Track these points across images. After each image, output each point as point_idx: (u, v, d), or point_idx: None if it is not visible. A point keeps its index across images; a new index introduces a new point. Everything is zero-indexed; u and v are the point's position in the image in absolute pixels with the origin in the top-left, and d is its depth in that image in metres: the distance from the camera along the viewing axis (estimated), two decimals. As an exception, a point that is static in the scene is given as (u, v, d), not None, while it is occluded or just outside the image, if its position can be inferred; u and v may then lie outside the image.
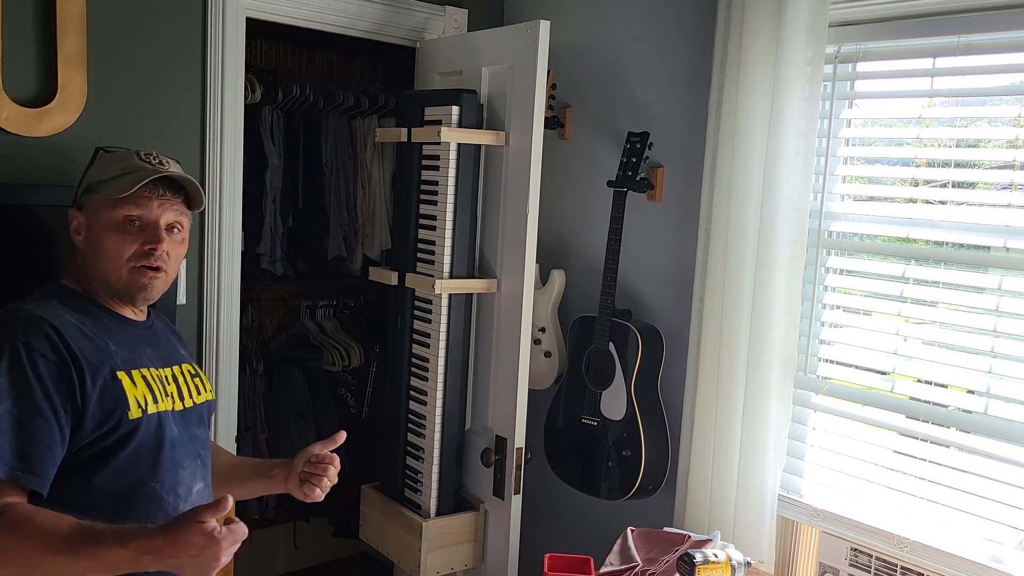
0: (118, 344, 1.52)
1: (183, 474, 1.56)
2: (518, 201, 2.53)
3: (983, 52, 2.02)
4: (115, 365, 1.48)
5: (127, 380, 1.49)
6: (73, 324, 1.47)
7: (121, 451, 1.46)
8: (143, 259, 1.53)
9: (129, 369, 1.51)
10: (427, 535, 2.58)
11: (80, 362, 1.43)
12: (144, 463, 1.49)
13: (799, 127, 2.17)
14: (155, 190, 1.54)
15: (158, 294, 1.58)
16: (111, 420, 1.45)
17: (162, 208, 1.54)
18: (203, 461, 1.65)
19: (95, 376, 1.44)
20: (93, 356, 1.45)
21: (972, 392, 2.07)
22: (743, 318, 2.28)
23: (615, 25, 2.80)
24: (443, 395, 2.62)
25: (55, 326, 1.43)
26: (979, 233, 2.04)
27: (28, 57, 2.22)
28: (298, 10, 2.71)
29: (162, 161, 1.58)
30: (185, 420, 1.61)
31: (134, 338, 1.58)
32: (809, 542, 2.33)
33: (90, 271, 1.55)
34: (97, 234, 1.52)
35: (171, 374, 1.62)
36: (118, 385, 1.47)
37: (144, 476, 1.49)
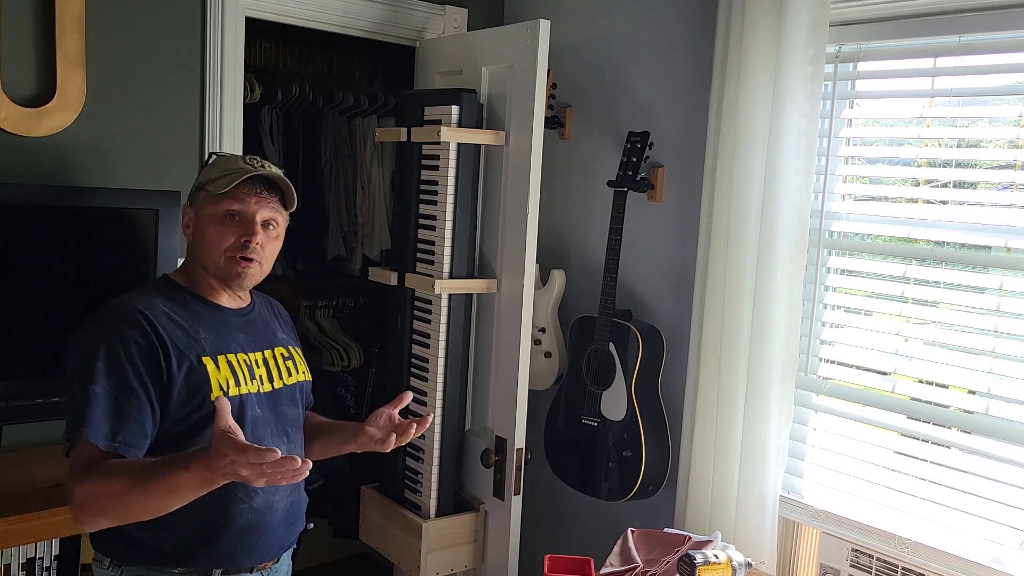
0: (208, 331, 1.68)
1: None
2: (518, 201, 2.53)
3: (983, 52, 2.02)
4: (202, 351, 1.64)
5: (212, 365, 1.64)
6: (165, 313, 1.63)
7: (205, 429, 1.58)
8: (240, 250, 1.68)
9: (215, 355, 1.66)
10: (427, 536, 2.58)
11: (168, 346, 1.59)
12: None
13: (800, 127, 2.17)
14: (253, 188, 1.69)
15: (252, 283, 1.75)
16: (194, 400, 1.61)
17: (259, 205, 1.69)
18: (291, 438, 1.78)
19: (181, 360, 1.60)
20: (181, 342, 1.61)
21: (973, 392, 2.06)
22: (744, 318, 2.27)
23: (615, 25, 2.80)
24: (443, 395, 2.62)
25: (146, 314, 1.60)
26: (980, 233, 2.03)
27: (27, 57, 2.22)
28: (298, 10, 2.70)
29: (263, 164, 1.73)
30: (273, 400, 1.75)
31: (226, 325, 1.73)
32: (810, 543, 2.33)
33: (194, 260, 1.73)
34: (202, 226, 1.70)
35: (262, 358, 1.76)
36: (203, 369, 1.62)
37: None
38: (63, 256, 2.18)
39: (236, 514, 1.66)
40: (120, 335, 1.56)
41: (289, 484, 1.68)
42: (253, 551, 1.70)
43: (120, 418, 1.52)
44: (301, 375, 1.86)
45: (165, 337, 1.60)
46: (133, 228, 2.25)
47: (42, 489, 2.04)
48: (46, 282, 2.16)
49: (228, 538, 1.65)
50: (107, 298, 1.71)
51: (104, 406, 1.52)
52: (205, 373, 1.63)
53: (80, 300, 2.20)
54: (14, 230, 2.10)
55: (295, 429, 1.81)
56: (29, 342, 2.16)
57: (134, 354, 1.56)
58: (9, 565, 2.08)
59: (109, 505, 1.48)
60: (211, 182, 1.69)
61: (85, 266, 2.22)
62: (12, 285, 2.11)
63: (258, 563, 1.73)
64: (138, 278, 2.26)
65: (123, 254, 2.27)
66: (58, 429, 2.32)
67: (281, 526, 1.75)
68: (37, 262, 2.14)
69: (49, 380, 2.16)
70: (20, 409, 2.13)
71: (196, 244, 1.72)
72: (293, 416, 1.81)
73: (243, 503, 1.66)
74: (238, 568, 1.69)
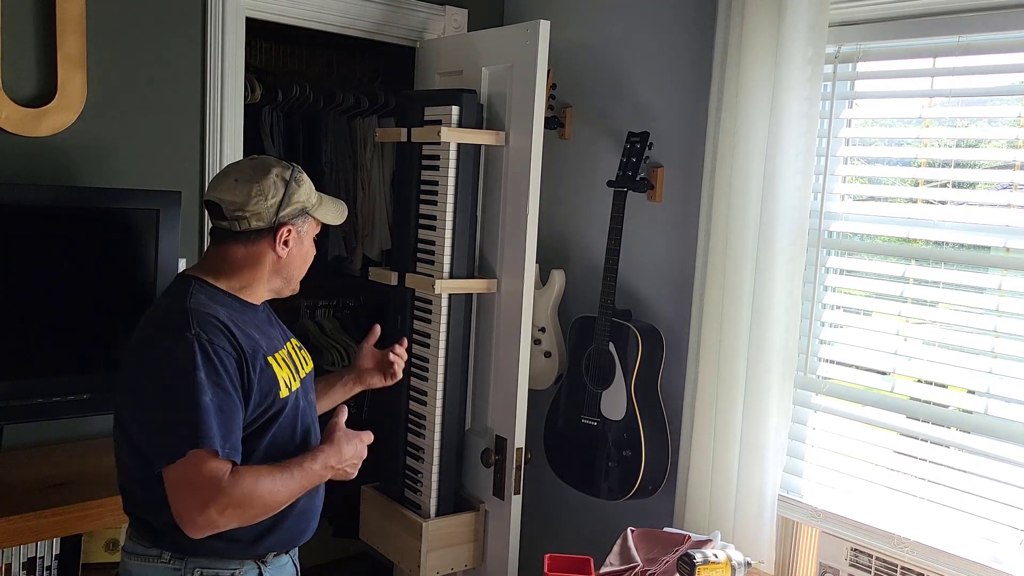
0: (259, 333, 1.72)
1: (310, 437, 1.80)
2: (518, 201, 2.53)
3: (983, 52, 2.02)
4: (264, 351, 1.69)
5: (275, 364, 1.71)
6: (229, 317, 1.66)
7: (272, 426, 1.68)
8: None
9: (273, 354, 1.72)
10: (427, 535, 2.58)
11: (245, 352, 1.64)
12: (287, 432, 1.72)
13: (799, 127, 2.17)
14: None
15: None
16: (267, 400, 1.67)
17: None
18: (318, 423, 1.86)
19: (254, 363, 1.65)
20: (248, 346, 1.65)
21: (972, 392, 2.06)
22: (743, 318, 2.27)
23: (615, 25, 2.80)
24: (443, 395, 2.62)
25: (223, 321, 1.63)
26: (979, 233, 2.04)
27: (28, 57, 2.22)
28: (298, 10, 2.71)
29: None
30: (305, 390, 1.83)
31: (262, 323, 1.77)
32: (809, 542, 2.33)
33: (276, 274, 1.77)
34: (306, 248, 1.80)
35: (289, 350, 1.82)
36: (270, 369, 1.69)
37: (287, 443, 1.72)
38: (64, 256, 2.18)
39: (300, 499, 1.72)
40: (209, 343, 1.58)
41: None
42: (306, 531, 1.79)
43: (227, 425, 1.57)
44: (311, 364, 1.92)
45: (240, 342, 1.63)
46: (134, 228, 2.25)
47: (42, 489, 2.04)
48: (46, 282, 2.16)
49: (289, 522, 1.72)
50: (107, 298, 1.72)
51: (215, 415, 1.55)
52: (273, 373, 1.69)
53: (80, 300, 2.21)
54: (15, 230, 2.10)
55: (315, 412, 1.89)
56: (29, 342, 2.16)
57: (225, 361, 1.59)
58: (10, 565, 2.08)
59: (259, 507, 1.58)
60: (316, 208, 1.77)
61: (86, 266, 2.22)
62: (12, 285, 2.11)
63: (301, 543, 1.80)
64: (139, 278, 2.26)
65: (124, 254, 2.27)
66: (58, 429, 2.34)
67: (320, 505, 1.83)
68: (38, 262, 2.14)
69: (49, 380, 2.17)
70: (20, 409, 2.13)
71: (290, 262, 1.77)
72: (313, 401, 1.89)
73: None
74: (285, 550, 1.77)
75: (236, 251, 1.71)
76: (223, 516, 1.53)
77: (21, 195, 2.12)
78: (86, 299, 2.22)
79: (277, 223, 1.70)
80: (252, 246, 1.71)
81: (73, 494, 2.03)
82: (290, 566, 1.80)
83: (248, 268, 1.73)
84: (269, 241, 1.71)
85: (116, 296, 2.27)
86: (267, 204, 1.68)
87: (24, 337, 2.15)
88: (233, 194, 1.66)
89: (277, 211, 1.69)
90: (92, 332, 2.25)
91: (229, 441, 1.56)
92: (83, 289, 2.21)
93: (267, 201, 1.68)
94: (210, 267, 1.73)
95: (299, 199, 1.73)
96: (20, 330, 2.14)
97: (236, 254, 1.71)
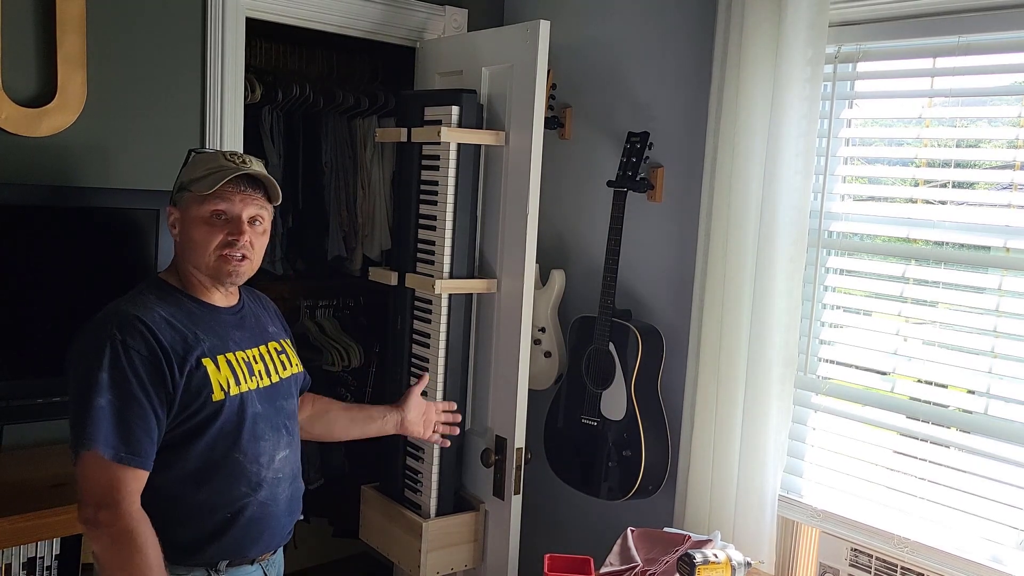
0: (206, 332, 1.69)
1: (265, 445, 1.74)
2: (518, 201, 2.53)
3: (983, 52, 2.02)
4: (201, 353, 1.65)
5: (212, 366, 1.66)
6: (164, 318, 1.64)
7: (208, 429, 1.65)
8: (228, 248, 1.70)
9: (215, 355, 1.68)
10: (427, 535, 2.58)
11: (169, 354, 1.60)
12: (228, 438, 1.67)
13: (799, 127, 2.17)
14: (238, 186, 1.70)
15: (244, 278, 1.76)
16: (196, 402, 1.63)
17: (244, 203, 1.71)
18: (289, 430, 1.82)
19: (182, 365, 1.62)
20: (181, 347, 1.63)
21: (972, 392, 2.06)
22: (743, 318, 2.27)
23: (615, 25, 2.80)
24: (443, 395, 2.62)
25: (147, 323, 1.60)
26: (979, 233, 2.03)
27: (28, 57, 2.22)
28: (298, 10, 2.71)
29: (245, 160, 1.73)
30: (272, 395, 1.78)
31: (223, 324, 1.74)
32: (809, 542, 2.33)
33: (184, 261, 1.73)
34: (189, 227, 1.69)
35: (258, 353, 1.78)
36: (203, 371, 1.64)
37: (228, 449, 1.68)
38: (63, 256, 2.18)
39: (243, 507, 1.69)
40: (122, 344, 1.57)
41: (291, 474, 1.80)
42: (259, 542, 1.74)
43: (126, 429, 1.55)
44: (295, 367, 1.89)
45: (166, 344, 1.61)
46: (134, 228, 2.25)
47: (42, 489, 2.04)
48: (46, 282, 2.16)
49: (236, 531, 1.69)
50: (107, 298, 1.72)
51: (109, 418, 1.54)
52: (206, 375, 1.65)
53: (80, 300, 2.20)
54: (15, 230, 2.10)
55: (292, 421, 1.85)
56: (29, 342, 2.16)
57: (136, 364, 1.57)
58: (10, 565, 2.08)
59: (113, 559, 1.57)
60: (194, 182, 1.69)
61: (86, 266, 2.22)
62: (12, 285, 2.11)
63: (261, 554, 1.76)
64: (139, 278, 2.26)
65: (124, 254, 2.27)
66: (58, 429, 2.33)
67: (284, 515, 1.79)
68: (38, 262, 2.15)
69: (49, 380, 2.16)
70: (20, 409, 2.13)
71: (185, 245, 1.72)
72: (291, 409, 1.85)
73: (248, 496, 1.70)
74: (242, 559, 1.73)
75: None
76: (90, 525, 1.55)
77: (21, 195, 2.12)
78: (86, 299, 2.21)
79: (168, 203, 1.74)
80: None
81: (73, 494, 2.01)
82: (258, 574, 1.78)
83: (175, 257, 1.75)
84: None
85: (116, 296, 2.26)
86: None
87: (24, 337, 2.15)
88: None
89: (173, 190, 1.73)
90: (92, 332, 2.25)
91: (128, 445, 1.54)
92: (83, 289, 2.21)
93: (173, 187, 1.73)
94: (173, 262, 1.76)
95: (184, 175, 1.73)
96: (20, 330, 2.14)
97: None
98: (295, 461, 1.84)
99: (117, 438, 1.54)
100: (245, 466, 1.70)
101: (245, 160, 1.73)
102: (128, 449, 1.55)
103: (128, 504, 1.55)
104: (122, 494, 1.54)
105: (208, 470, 1.67)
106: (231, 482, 1.68)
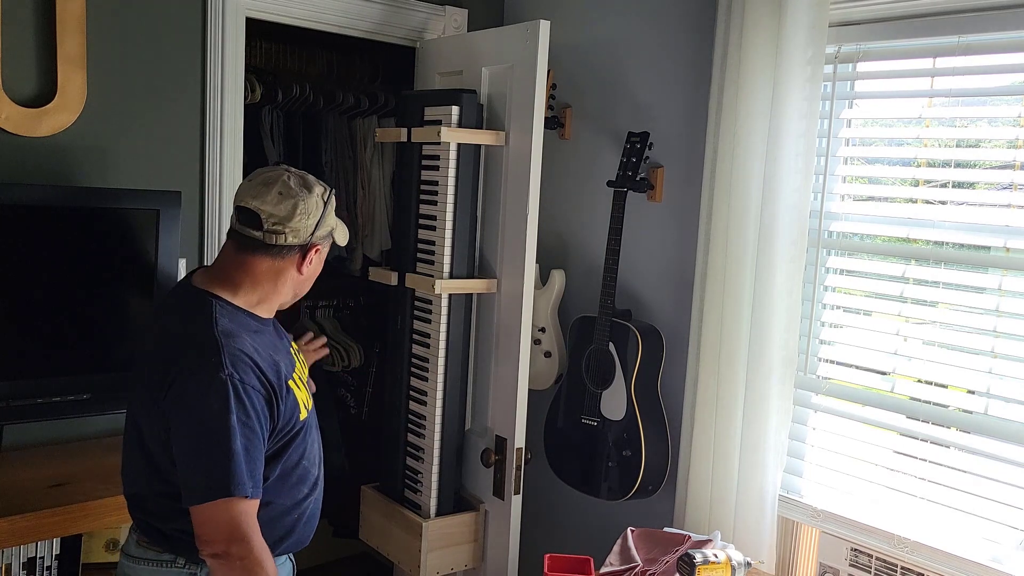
0: (278, 353, 1.71)
1: (317, 447, 1.83)
2: (518, 201, 2.53)
3: (983, 52, 2.02)
4: (287, 376, 1.69)
5: (295, 388, 1.72)
6: (253, 347, 1.64)
7: (293, 444, 1.72)
8: None
9: (292, 376, 1.72)
10: (427, 535, 2.58)
11: (272, 386, 1.64)
12: (300, 447, 1.75)
13: (799, 127, 2.17)
14: None
15: None
16: (290, 424, 1.70)
17: None
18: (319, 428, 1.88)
19: (280, 392, 1.66)
20: (274, 377, 1.65)
21: (972, 392, 2.06)
22: (743, 318, 2.27)
23: (615, 25, 2.80)
24: (443, 395, 2.62)
25: (251, 357, 1.61)
26: (979, 233, 2.04)
27: (28, 57, 2.22)
28: (298, 10, 2.71)
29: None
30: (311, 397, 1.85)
31: (276, 340, 1.76)
32: (809, 542, 2.33)
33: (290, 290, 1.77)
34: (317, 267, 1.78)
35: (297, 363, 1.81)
36: (291, 394, 1.70)
37: (300, 458, 1.75)
38: (64, 256, 2.18)
39: (307, 507, 1.77)
40: (241, 384, 1.57)
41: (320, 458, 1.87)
42: (311, 536, 1.82)
43: (254, 465, 1.59)
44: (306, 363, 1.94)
45: (269, 376, 1.64)
46: (134, 228, 2.25)
47: (42, 489, 2.04)
48: (47, 282, 2.16)
49: (301, 528, 1.77)
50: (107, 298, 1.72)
51: (244, 459, 1.57)
52: (294, 398, 1.70)
53: (80, 301, 2.21)
54: (15, 230, 2.10)
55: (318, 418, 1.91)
56: (29, 342, 2.17)
57: (255, 401, 1.59)
58: (10, 565, 2.08)
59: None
60: (334, 232, 1.77)
61: (86, 266, 2.22)
62: (13, 285, 2.11)
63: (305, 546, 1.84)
64: (138, 278, 2.26)
65: (124, 254, 2.27)
66: (58, 429, 2.34)
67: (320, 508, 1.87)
68: (38, 262, 2.15)
69: (49, 380, 2.17)
70: (20, 409, 2.13)
71: (307, 280, 1.77)
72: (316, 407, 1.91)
73: (309, 496, 1.78)
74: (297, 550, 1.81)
75: (262, 263, 1.68)
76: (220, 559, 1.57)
77: (21, 195, 2.12)
78: (86, 299, 2.22)
79: (311, 243, 1.70)
80: (279, 260, 1.69)
81: (73, 494, 2.03)
82: (288, 564, 1.83)
83: (269, 282, 1.70)
84: (298, 258, 1.70)
85: (116, 296, 2.27)
86: (307, 223, 1.67)
87: (24, 337, 2.15)
88: (277, 207, 1.64)
89: (313, 231, 1.69)
90: (92, 332, 2.25)
91: (253, 479, 1.58)
92: (83, 289, 2.21)
93: (308, 220, 1.67)
94: (227, 278, 1.68)
95: (330, 222, 1.74)
96: (20, 330, 2.15)
97: (261, 266, 1.68)
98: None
99: (249, 477, 1.57)
100: (309, 470, 1.77)
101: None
102: (254, 483, 1.59)
103: (256, 535, 1.58)
104: (251, 526, 1.57)
105: (284, 478, 1.71)
106: (300, 486, 1.75)
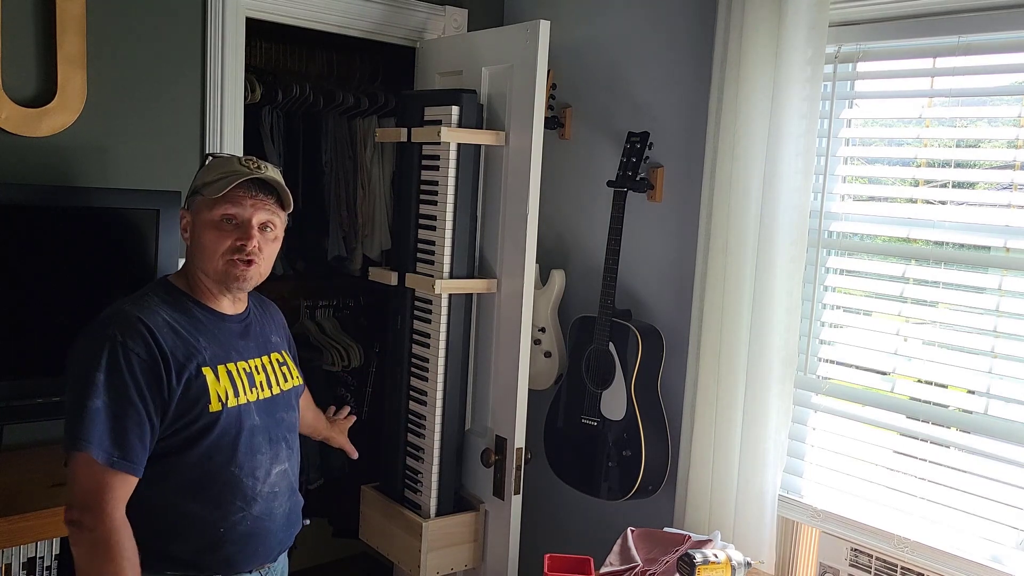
0: (209, 340, 1.67)
1: (261, 459, 1.71)
2: (518, 201, 2.53)
3: (983, 52, 2.02)
4: (202, 361, 1.63)
5: (211, 375, 1.64)
6: (167, 322, 1.62)
7: (203, 439, 1.62)
8: (237, 253, 1.67)
9: (215, 364, 1.65)
10: (427, 535, 2.58)
11: (169, 359, 1.58)
12: (224, 450, 1.65)
13: (799, 127, 2.17)
14: (249, 191, 1.68)
15: (252, 284, 1.73)
16: (193, 411, 1.61)
17: (255, 208, 1.68)
18: (288, 443, 1.79)
19: (180, 372, 1.59)
20: (181, 353, 1.60)
21: (972, 392, 2.06)
22: (743, 318, 2.27)
23: (615, 25, 2.80)
24: (443, 395, 2.62)
25: (149, 326, 1.58)
26: (979, 233, 2.04)
27: (28, 57, 2.22)
28: (298, 10, 2.71)
29: (259, 166, 1.71)
30: (272, 407, 1.76)
31: (227, 333, 1.72)
32: (809, 542, 2.33)
33: (194, 265, 1.71)
34: (199, 231, 1.68)
35: (260, 364, 1.77)
36: (202, 380, 1.62)
37: (224, 462, 1.65)
38: (63, 256, 2.18)
39: (236, 522, 1.67)
40: (122, 346, 1.55)
41: (288, 488, 1.76)
42: (255, 556, 1.72)
43: (120, 433, 1.53)
44: (295, 380, 1.87)
45: (167, 349, 1.59)
46: (133, 228, 2.25)
47: (42, 489, 2.04)
48: (46, 282, 2.16)
49: (229, 546, 1.67)
50: (107, 298, 1.72)
51: (104, 421, 1.52)
52: (204, 384, 1.63)
53: (80, 300, 2.21)
54: (14, 230, 2.10)
55: (292, 434, 1.82)
56: (29, 342, 2.16)
57: (135, 367, 1.55)
58: (10, 565, 2.08)
59: (91, 560, 1.53)
60: (207, 186, 1.67)
61: (85, 266, 2.22)
62: (13, 285, 2.11)
63: (258, 566, 1.75)
64: (139, 278, 2.26)
65: (124, 254, 2.27)
66: (58, 429, 2.33)
67: (281, 530, 1.77)
68: (37, 262, 2.14)
69: (49, 380, 2.16)
70: (20, 409, 2.13)
71: (194, 249, 1.70)
72: (291, 421, 1.82)
73: (242, 511, 1.68)
74: (238, 571, 1.71)
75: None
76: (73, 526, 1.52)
77: (21, 195, 2.11)
78: (86, 299, 2.22)
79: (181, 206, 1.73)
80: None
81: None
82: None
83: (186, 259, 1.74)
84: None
85: (116, 296, 2.26)
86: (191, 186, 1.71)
87: (24, 337, 2.15)
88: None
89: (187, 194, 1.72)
90: (92, 332, 2.25)
91: (121, 448, 1.52)
92: (83, 289, 2.21)
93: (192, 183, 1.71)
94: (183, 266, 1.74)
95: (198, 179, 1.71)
96: (20, 330, 2.14)
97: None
98: (294, 475, 1.81)
99: (110, 442, 1.52)
100: (241, 479, 1.68)
101: (259, 165, 1.71)
102: (120, 454, 1.53)
103: (112, 509, 1.52)
104: (107, 498, 1.51)
105: (203, 482, 1.64)
106: (225, 496, 1.66)
